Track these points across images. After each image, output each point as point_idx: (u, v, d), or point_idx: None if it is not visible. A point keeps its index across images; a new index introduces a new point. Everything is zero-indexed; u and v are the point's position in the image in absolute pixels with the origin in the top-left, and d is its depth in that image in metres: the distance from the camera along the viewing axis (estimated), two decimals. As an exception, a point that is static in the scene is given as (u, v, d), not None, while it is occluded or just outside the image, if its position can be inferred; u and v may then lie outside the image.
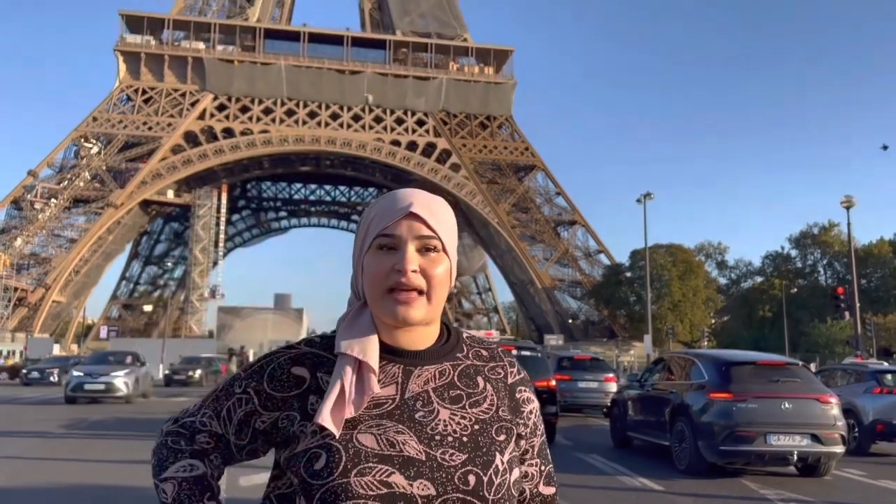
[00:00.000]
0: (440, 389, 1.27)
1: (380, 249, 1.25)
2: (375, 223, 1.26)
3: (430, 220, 1.25)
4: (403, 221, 1.24)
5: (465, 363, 1.33)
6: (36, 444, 12.27)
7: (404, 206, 1.25)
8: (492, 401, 1.29)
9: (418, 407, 1.24)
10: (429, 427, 1.22)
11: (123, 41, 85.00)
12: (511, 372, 1.36)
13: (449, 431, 1.22)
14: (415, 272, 1.23)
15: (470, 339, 1.39)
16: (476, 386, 1.30)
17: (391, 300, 1.23)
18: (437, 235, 1.25)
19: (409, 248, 1.23)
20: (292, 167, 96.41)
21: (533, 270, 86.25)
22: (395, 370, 1.27)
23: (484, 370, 1.34)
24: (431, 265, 1.25)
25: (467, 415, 1.25)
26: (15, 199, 78.29)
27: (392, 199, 1.28)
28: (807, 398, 9.99)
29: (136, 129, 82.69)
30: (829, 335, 61.99)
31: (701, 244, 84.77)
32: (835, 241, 74.50)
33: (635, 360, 65.35)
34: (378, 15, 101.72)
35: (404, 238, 1.24)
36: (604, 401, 18.43)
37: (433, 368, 1.29)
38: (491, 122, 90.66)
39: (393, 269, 1.23)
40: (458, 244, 1.32)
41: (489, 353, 1.37)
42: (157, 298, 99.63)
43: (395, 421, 1.21)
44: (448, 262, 1.28)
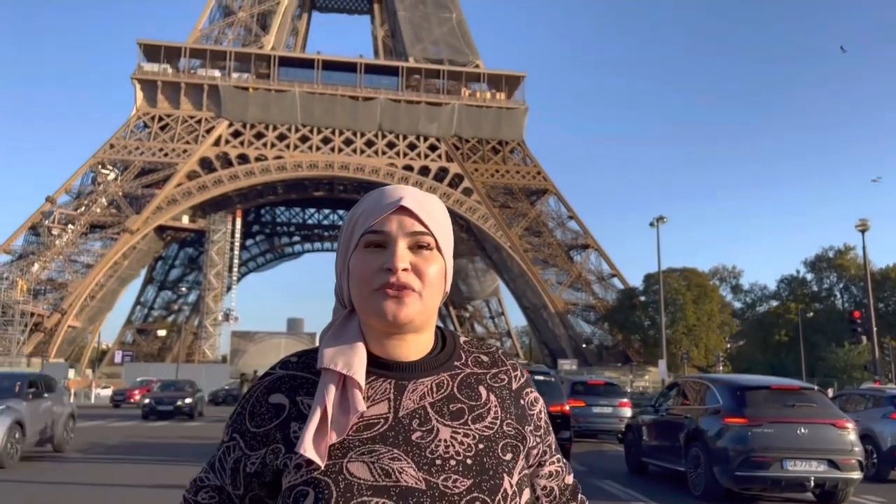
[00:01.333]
0: (439, 404, 1.13)
1: (367, 248, 1.13)
2: (363, 220, 1.15)
3: (422, 215, 1.14)
4: (393, 216, 1.13)
5: (464, 372, 1.20)
6: (52, 467, 12.33)
7: (394, 201, 1.14)
8: (496, 413, 1.16)
9: (415, 426, 1.10)
10: (428, 450, 1.08)
11: (141, 69, 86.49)
12: (515, 376, 1.24)
13: (451, 454, 1.09)
14: (406, 270, 1.11)
15: (468, 343, 1.26)
16: (479, 397, 1.17)
17: (380, 297, 1.10)
18: (429, 231, 1.14)
19: (400, 244, 1.12)
20: (306, 192, 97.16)
21: (546, 294, 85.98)
22: (386, 385, 1.13)
23: (486, 378, 1.20)
24: (424, 263, 1.13)
25: (470, 432, 1.12)
26: (33, 225, 79.28)
27: (380, 194, 1.18)
28: (823, 423, 9.90)
29: (153, 156, 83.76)
30: (847, 360, 61.20)
31: (715, 268, 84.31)
32: (851, 265, 73.82)
33: (650, 384, 64.73)
34: (391, 42, 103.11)
35: (394, 234, 1.12)
36: (618, 426, 18.29)
37: (429, 381, 1.15)
38: (503, 147, 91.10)
39: (382, 268, 1.11)
40: (470, 268, 1.27)
41: (490, 357, 1.24)
42: (172, 323, 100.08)
43: (389, 445, 1.08)
44: (443, 262, 1.16)
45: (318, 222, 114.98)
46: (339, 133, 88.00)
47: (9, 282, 71.55)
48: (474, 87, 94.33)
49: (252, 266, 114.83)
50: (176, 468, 12.08)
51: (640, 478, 12.51)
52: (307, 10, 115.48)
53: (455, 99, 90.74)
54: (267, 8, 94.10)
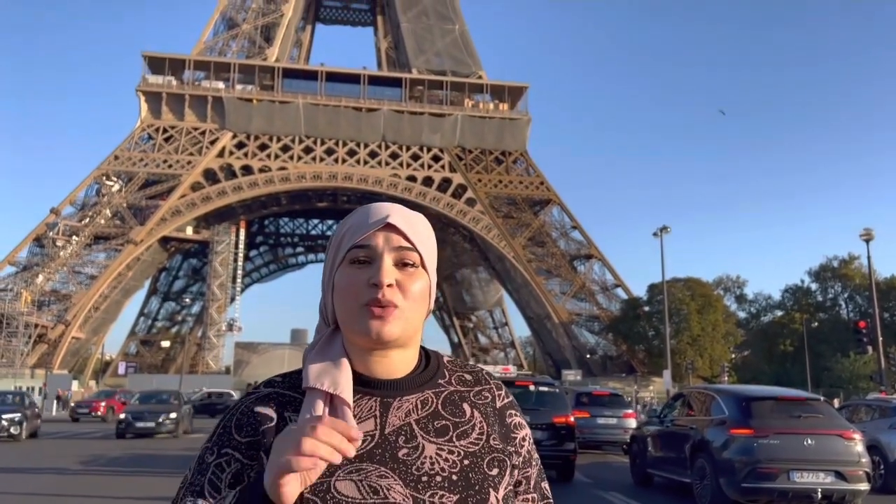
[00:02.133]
0: (424, 421, 1.14)
1: (353, 264, 1.14)
2: (349, 236, 1.16)
3: (408, 231, 1.15)
4: (380, 232, 1.14)
5: (448, 389, 1.20)
6: (52, 480, 12.29)
7: (381, 218, 1.15)
8: (481, 429, 1.17)
9: (401, 443, 1.10)
10: (414, 467, 1.08)
11: (146, 81, 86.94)
12: (499, 395, 1.24)
13: (437, 470, 1.09)
14: (391, 287, 1.11)
15: (451, 363, 1.27)
16: (463, 414, 1.17)
17: (365, 315, 1.11)
18: (415, 248, 1.14)
19: (386, 260, 1.13)
20: (310, 203, 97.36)
21: (550, 305, 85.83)
22: (372, 403, 1.13)
23: (469, 396, 1.21)
24: (409, 280, 1.14)
25: (455, 448, 1.12)
26: (37, 237, 79.51)
27: (367, 211, 1.18)
28: (830, 434, 9.82)
29: (157, 167, 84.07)
30: (853, 370, 60.89)
31: (719, 278, 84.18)
32: (855, 275, 73.59)
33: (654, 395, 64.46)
34: (394, 54, 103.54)
35: (380, 250, 1.13)
36: (623, 437, 18.19)
37: (414, 398, 1.16)
38: (506, 158, 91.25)
39: (368, 284, 1.11)
40: (474, 278, 1.25)
41: (473, 376, 1.25)
42: (175, 334, 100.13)
43: (376, 462, 1.08)
44: (427, 279, 1.17)
45: (322, 233, 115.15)
46: (343, 144, 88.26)
47: (13, 293, 71.69)
48: (477, 98, 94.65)
49: (255, 277, 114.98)
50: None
51: (645, 489, 12.41)
52: (311, 23, 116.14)
53: (458, 110, 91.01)
54: (271, 20, 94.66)
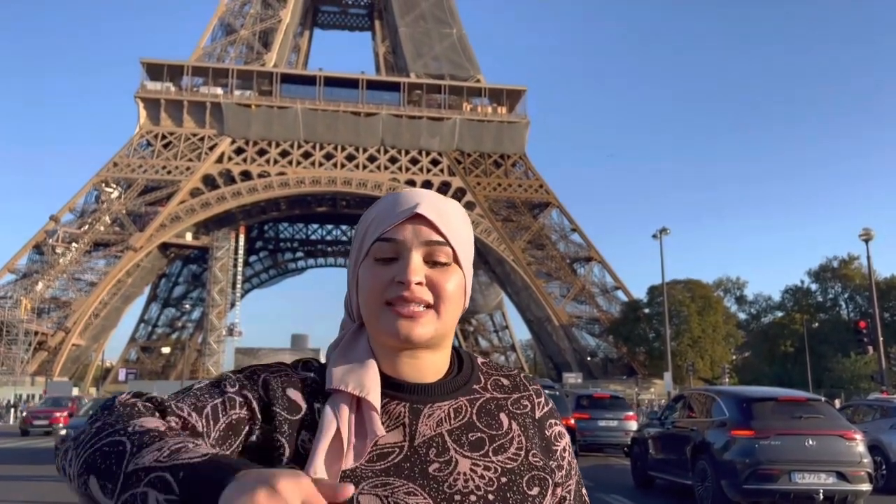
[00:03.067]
0: (457, 432, 1.02)
1: (378, 261, 1.02)
2: (374, 227, 1.04)
3: (439, 223, 1.02)
4: (408, 224, 1.02)
5: (484, 397, 1.08)
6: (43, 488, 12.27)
7: (409, 207, 1.03)
8: (520, 443, 1.05)
9: (432, 457, 0.99)
10: (446, 484, 0.97)
11: (144, 88, 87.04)
12: (538, 403, 1.12)
13: (471, 488, 0.97)
14: (420, 284, 1.00)
15: (486, 365, 1.14)
16: (500, 426, 1.05)
17: (391, 314, 1.00)
18: (447, 242, 1.02)
19: (414, 255, 1.01)
20: (309, 208, 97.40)
21: (550, 308, 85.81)
22: (401, 409, 1.01)
23: (507, 404, 1.09)
24: (441, 277, 1.02)
25: (492, 464, 1.01)
26: (37, 244, 79.50)
27: (394, 199, 1.05)
28: (831, 435, 9.81)
29: (156, 174, 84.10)
30: (854, 370, 60.86)
31: (719, 279, 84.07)
32: (855, 275, 73.56)
33: (655, 397, 64.43)
34: (392, 58, 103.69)
35: (408, 244, 1.01)
36: (624, 439, 18.17)
37: (446, 405, 1.04)
38: (505, 161, 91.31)
39: (394, 281, 1.00)
40: (473, 281, 1.14)
41: (511, 381, 1.13)
42: (175, 340, 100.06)
43: (404, 478, 0.96)
44: (462, 275, 1.04)
45: (322, 238, 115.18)
46: (342, 149, 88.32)
47: (13, 301, 71.63)
48: (476, 102, 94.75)
49: (256, 282, 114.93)
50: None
51: (646, 491, 12.40)
52: (308, 28, 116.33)
53: (456, 113, 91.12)
54: (268, 26, 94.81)
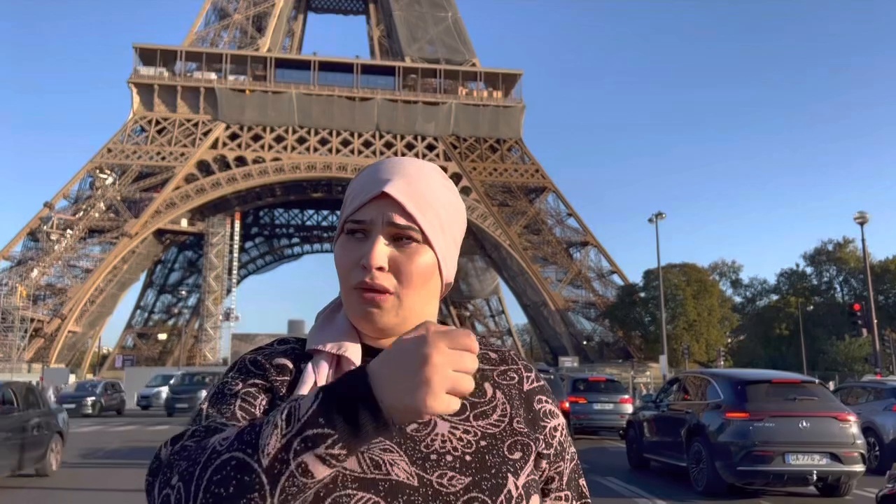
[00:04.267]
0: None
1: (350, 234, 1.01)
2: (348, 203, 1.02)
3: (407, 202, 0.98)
4: (374, 203, 0.98)
5: None
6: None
7: (377, 184, 0.99)
8: (504, 411, 1.03)
9: None
10: (423, 444, 0.96)
11: (137, 73, 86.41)
12: (527, 377, 1.09)
13: (448, 449, 0.97)
14: (381, 269, 0.97)
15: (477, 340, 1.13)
16: (483, 394, 1.04)
17: (356, 300, 0.99)
18: (415, 224, 0.98)
19: (380, 238, 0.98)
20: (304, 194, 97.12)
21: (546, 292, 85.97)
22: None
23: (492, 375, 1.07)
24: (406, 260, 0.98)
25: (471, 428, 1.00)
26: (31, 231, 79.23)
27: (371, 173, 1.02)
28: (825, 416, 9.88)
29: (150, 160, 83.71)
30: (848, 352, 61.24)
31: (715, 263, 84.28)
32: (850, 258, 73.79)
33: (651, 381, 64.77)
34: (387, 42, 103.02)
35: (374, 224, 0.98)
36: (619, 422, 18.28)
37: None
38: (501, 146, 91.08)
39: (359, 264, 0.98)
40: (470, 266, 1.02)
41: (499, 355, 1.11)
42: (172, 327, 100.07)
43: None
44: (431, 255, 1.00)
45: (317, 223, 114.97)
46: (337, 134, 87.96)
47: (8, 288, 71.44)
48: (471, 86, 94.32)
49: (252, 268, 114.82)
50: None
51: (641, 473, 12.48)
52: (302, 12, 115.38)
53: (452, 98, 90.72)
54: (262, 10, 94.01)
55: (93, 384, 33.95)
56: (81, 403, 30.33)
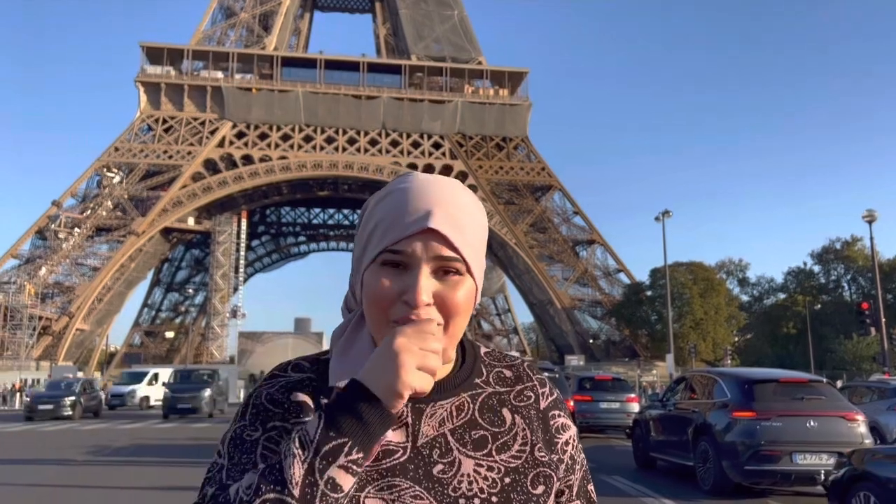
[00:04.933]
0: (459, 431, 1.00)
1: (384, 265, 0.96)
2: (381, 233, 0.96)
3: (453, 235, 0.95)
4: (418, 238, 0.94)
5: (486, 391, 1.04)
6: (59, 471, 12.36)
7: (420, 217, 0.94)
8: (524, 439, 1.02)
9: (435, 457, 0.97)
10: (450, 487, 0.95)
11: (144, 72, 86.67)
12: (542, 394, 1.08)
13: (475, 491, 0.95)
14: (430, 305, 0.94)
15: (489, 356, 1.10)
16: (503, 422, 1.02)
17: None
18: (461, 257, 0.95)
19: (424, 272, 0.94)
20: (311, 192, 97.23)
21: (552, 290, 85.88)
22: (403, 409, 0.97)
23: (510, 398, 1.05)
24: (451, 291, 0.96)
25: (495, 464, 0.98)
26: (40, 230, 79.60)
27: (403, 200, 0.96)
28: (833, 416, 9.83)
29: (157, 158, 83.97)
30: (856, 351, 60.94)
31: (722, 261, 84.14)
32: (858, 256, 73.46)
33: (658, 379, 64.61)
34: (393, 41, 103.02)
35: (418, 258, 0.94)
36: (626, 421, 18.23)
37: (448, 403, 1.01)
38: (507, 144, 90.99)
39: (400, 299, 0.94)
40: None
41: (514, 372, 1.09)
42: (179, 325, 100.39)
43: (409, 479, 0.94)
44: (473, 284, 0.98)
45: (324, 222, 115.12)
46: (343, 132, 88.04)
47: (16, 286, 71.83)
48: (477, 84, 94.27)
49: (258, 267, 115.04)
50: (182, 470, 12.08)
51: (648, 473, 12.45)
52: (309, 10, 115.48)
53: (458, 96, 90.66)
54: (269, 8, 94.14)
55: (68, 382, 29.70)
56: (59, 404, 27.06)
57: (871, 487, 6.75)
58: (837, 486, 7.19)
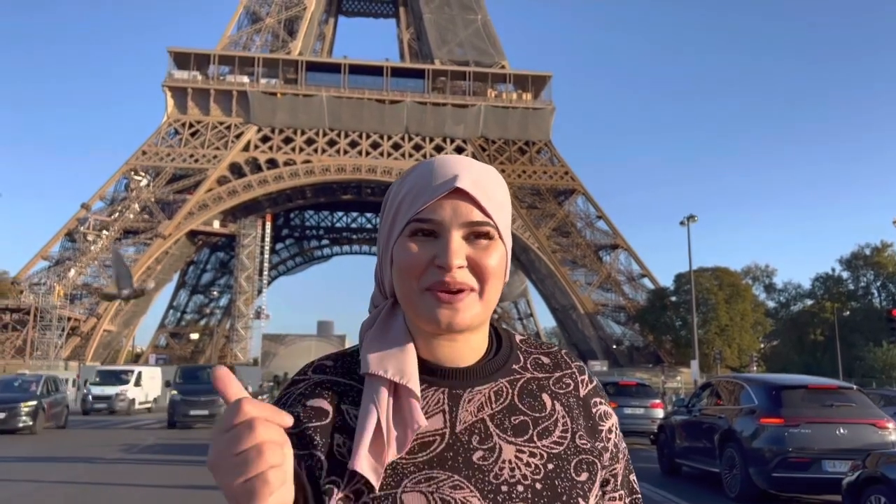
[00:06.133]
0: (499, 416, 0.96)
1: (414, 235, 0.94)
2: (409, 202, 0.95)
3: (481, 198, 0.93)
4: (446, 201, 0.93)
5: (524, 377, 1.01)
6: (88, 469, 12.55)
7: (447, 181, 0.93)
8: (565, 425, 0.99)
9: (475, 444, 0.93)
10: (492, 474, 0.91)
11: (171, 77, 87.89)
12: (582, 381, 1.05)
13: (518, 478, 0.91)
14: (462, 268, 0.92)
15: (525, 343, 1.08)
16: (543, 407, 0.99)
17: (431, 300, 0.92)
18: (490, 220, 0.94)
19: (455, 236, 0.92)
20: (334, 196, 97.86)
21: (575, 295, 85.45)
22: (440, 395, 0.95)
23: (549, 384, 1.02)
24: (483, 256, 0.94)
25: (537, 450, 0.95)
26: (69, 232, 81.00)
27: (430, 169, 0.96)
28: (863, 423, 9.68)
29: (184, 162, 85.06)
30: (886, 359, 59.87)
31: (748, 267, 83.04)
32: (888, 262, 72.22)
33: (682, 386, 63.97)
34: (416, 45, 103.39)
35: (447, 223, 0.93)
36: (650, 427, 18.09)
37: (486, 388, 0.97)
38: (530, 148, 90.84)
39: (433, 264, 0.92)
40: None
41: (552, 359, 1.06)
42: (204, 326, 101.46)
43: (448, 470, 0.90)
44: (504, 248, 0.98)
45: (347, 225, 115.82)
46: (366, 136, 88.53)
47: (46, 287, 73.14)
48: (500, 88, 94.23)
49: (282, 269, 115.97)
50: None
51: (673, 479, 12.35)
52: (333, 15, 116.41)
53: (481, 100, 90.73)
54: (294, 14, 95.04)
55: (25, 381, 21.52)
56: (13, 413, 18.85)
57: (884, 490, 6.78)
58: (852, 488, 7.26)
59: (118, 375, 32.97)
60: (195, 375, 24.61)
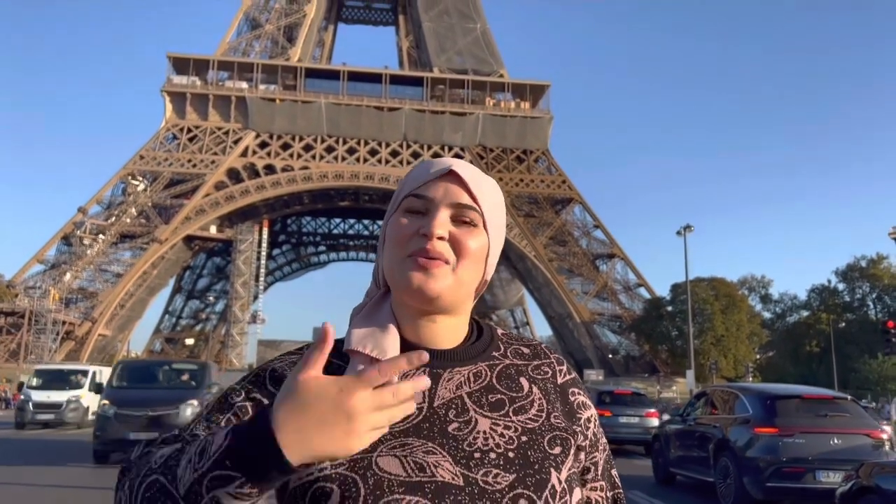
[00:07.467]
0: (477, 394, 1.01)
1: (407, 213, 1.03)
2: (408, 184, 1.05)
3: (472, 185, 1.02)
4: (440, 182, 1.02)
5: (503, 363, 1.07)
6: (80, 473, 12.47)
7: (444, 167, 1.03)
8: (541, 405, 1.04)
9: (451, 417, 0.98)
10: (465, 442, 0.96)
11: (170, 82, 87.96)
12: (560, 371, 1.11)
13: (491, 446, 0.96)
14: (442, 239, 0.99)
15: (506, 336, 1.13)
16: (520, 388, 1.04)
17: (410, 264, 0.99)
18: (477, 206, 1.02)
19: (442, 211, 1.00)
20: (332, 202, 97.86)
21: (571, 304, 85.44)
22: (420, 374, 1.00)
23: (527, 370, 1.08)
24: (465, 235, 1.01)
25: (512, 423, 1.00)
26: (65, 236, 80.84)
27: (431, 162, 1.06)
28: (857, 433, 9.68)
29: (181, 167, 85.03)
30: (881, 371, 59.92)
31: (744, 277, 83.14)
32: (884, 274, 72.37)
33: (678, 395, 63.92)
34: (415, 53, 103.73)
35: (437, 201, 1.01)
36: (645, 436, 18.07)
37: (466, 370, 1.03)
38: (528, 156, 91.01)
39: (417, 233, 1.00)
40: (494, 277, 1.03)
41: (531, 350, 1.12)
42: (199, 332, 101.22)
43: (423, 438, 0.95)
44: (486, 239, 1.03)
45: (344, 232, 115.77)
46: (365, 143, 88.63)
47: (41, 291, 72.97)
48: (499, 97, 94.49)
49: (278, 275, 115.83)
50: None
51: (667, 488, 12.32)
52: (333, 22, 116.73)
53: (479, 109, 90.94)
54: (293, 20, 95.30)
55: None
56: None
57: (877, 501, 6.75)
58: (845, 498, 7.22)
59: (67, 377, 25.09)
60: (147, 375, 15.76)
